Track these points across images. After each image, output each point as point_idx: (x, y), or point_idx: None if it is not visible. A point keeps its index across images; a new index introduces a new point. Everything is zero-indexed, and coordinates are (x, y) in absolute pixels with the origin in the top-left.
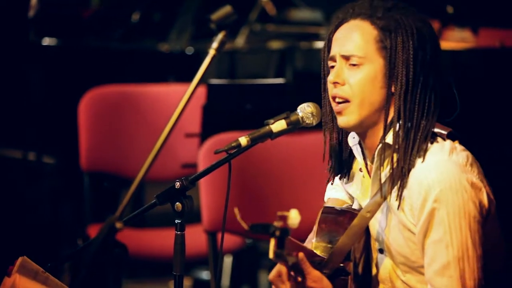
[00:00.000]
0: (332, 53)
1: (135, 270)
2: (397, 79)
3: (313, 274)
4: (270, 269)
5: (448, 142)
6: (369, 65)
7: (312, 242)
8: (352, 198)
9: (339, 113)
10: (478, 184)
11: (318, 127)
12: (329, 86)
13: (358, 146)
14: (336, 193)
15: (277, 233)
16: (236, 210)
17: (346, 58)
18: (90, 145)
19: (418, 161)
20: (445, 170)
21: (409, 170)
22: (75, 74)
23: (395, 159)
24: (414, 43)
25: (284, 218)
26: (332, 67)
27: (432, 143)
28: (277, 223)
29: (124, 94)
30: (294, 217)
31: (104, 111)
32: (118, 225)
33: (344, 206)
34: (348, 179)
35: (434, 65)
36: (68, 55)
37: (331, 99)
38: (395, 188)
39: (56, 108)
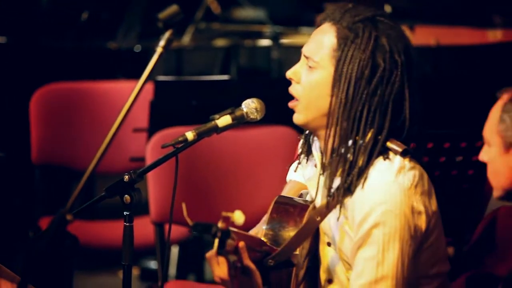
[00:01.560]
0: (303, 48)
1: (86, 260)
2: (340, 90)
3: (250, 269)
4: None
5: (399, 160)
6: (321, 70)
7: (263, 229)
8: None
9: (292, 109)
10: (417, 208)
11: (262, 122)
12: None
13: (317, 143)
14: (298, 176)
15: (219, 234)
16: (183, 206)
17: (307, 58)
18: (41, 139)
19: (367, 176)
20: (389, 193)
21: (355, 185)
22: (26, 71)
23: (341, 170)
24: (363, 61)
25: (227, 219)
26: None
27: (384, 159)
28: (220, 224)
29: (75, 90)
30: (238, 217)
31: (55, 107)
32: (69, 217)
33: (302, 191)
34: (307, 162)
35: (386, 86)
36: (18, 53)
37: None
38: (340, 200)
39: (7, 104)
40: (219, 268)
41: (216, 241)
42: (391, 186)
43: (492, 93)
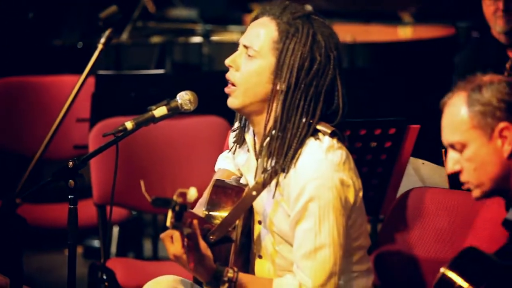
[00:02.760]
0: (240, 39)
1: (34, 240)
2: (281, 80)
3: (203, 244)
4: (153, 238)
5: (328, 140)
6: (261, 60)
7: (203, 211)
8: (239, 170)
9: (228, 94)
10: (347, 182)
11: (195, 112)
12: None
13: (251, 130)
14: (226, 164)
15: (177, 208)
16: (142, 183)
17: (246, 47)
18: None
19: (299, 156)
20: (320, 168)
21: (288, 165)
22: None
23: (276, 151)
24: (304, 54)
25: (183, 195)
26: (237, 50)
27: (315, 139)
28: (177, 199)
29: (23, 84)
30: (192, 194)
31: (5, 99)
32: (18, 200)
33: (232, 178)
34: (240, 148)
35: (321, 77)
36: None
37: None
38: (275, 178)
39: None
40: (173, 246)
41: (170, 215)
42: (322, 162)
43: (402, 85)
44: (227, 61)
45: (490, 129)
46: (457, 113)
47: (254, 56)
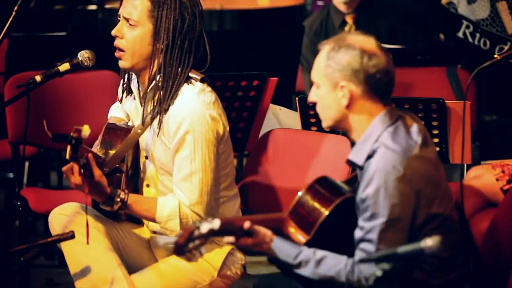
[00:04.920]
0: (119, 12)
1: None
2: (160, 41)
3: (97, 172)
4: (58, 170)
5: (199, 84)
6: (141, 27)
7: (98, 149)
8: (128, 116)
9: (119, 58)
10: (216, 118)
11: (94, 68)
12: None
13: (136, 81)
14: (117, 113)
15: (73, 141)
16: (44, 123)
17: (126, 19)
18: None
19: (176, 98)
20: (194, 106)
21: (168, 106)
22: None
23: (158, 96)
24: (175, 16)
25: (79, 131)
26: (119, 21)
27: (188, 84)
28: (73, 134)
29: None
30: (86, 130)
31: None
32: None
33: (122, 123)
34: (128, 97)
35: (191, 32)
36: None
37: None
38: (158, 118)
39: None
40: (74, 176)
41: (68, 148)
42: (195, 102)
43: (263, 44)
44: (113, 32)
45: (335, 82)
46: (319, 60)
47: (134, 25)
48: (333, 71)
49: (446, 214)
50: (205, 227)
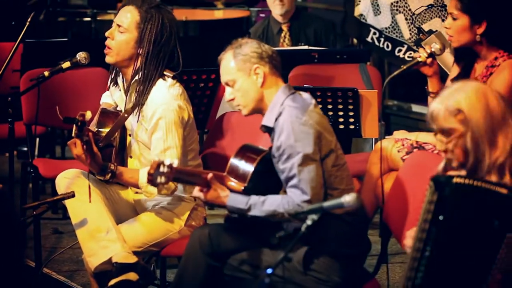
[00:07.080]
0: (114, 19)
1: None
2: (142, 48)
3: (95, 148)
4: (62, 145)
5: (170, 80)
6: (128, 34)
7: (94, 128)
8: (115, 103)
9: (106, 54)
10: (183, 107)
11: (89, 65)
12: None
13: (121, 76)
14: (107, 99)
15: (79, 123)
16: (57, 109)
17: (118, 25)
18: None
19: (152, 91)
20: (165, 98)
21: (146, 98)
22: None
23: (139, 89)
24: (157, 32)
25: (83, 115)
26: (113, 26)
27: (163, 80)
28: (79, 117)
29: None
30: (88, 115)
31: None
32: None
33: (112, 107)
34: (115, 87)
35: (167, 45)
36: None
37: None
38: (138, 108)
39: None
40: (76, 149)
41: (75, 128)
42: (166, 93)
43: (219, 46)
44: (107, 33)
45: (249, 70)
46: (228, 63)
47: (123, 31)
48: (244, 62)
49: (339, 153)
50: (167, 161)
